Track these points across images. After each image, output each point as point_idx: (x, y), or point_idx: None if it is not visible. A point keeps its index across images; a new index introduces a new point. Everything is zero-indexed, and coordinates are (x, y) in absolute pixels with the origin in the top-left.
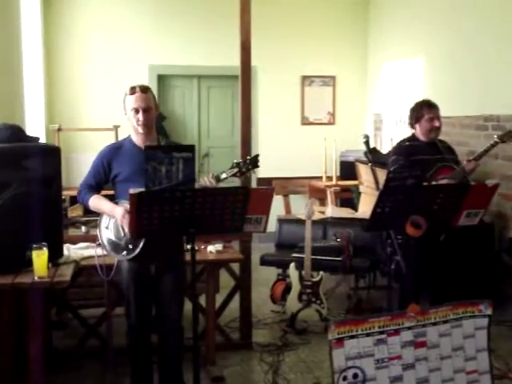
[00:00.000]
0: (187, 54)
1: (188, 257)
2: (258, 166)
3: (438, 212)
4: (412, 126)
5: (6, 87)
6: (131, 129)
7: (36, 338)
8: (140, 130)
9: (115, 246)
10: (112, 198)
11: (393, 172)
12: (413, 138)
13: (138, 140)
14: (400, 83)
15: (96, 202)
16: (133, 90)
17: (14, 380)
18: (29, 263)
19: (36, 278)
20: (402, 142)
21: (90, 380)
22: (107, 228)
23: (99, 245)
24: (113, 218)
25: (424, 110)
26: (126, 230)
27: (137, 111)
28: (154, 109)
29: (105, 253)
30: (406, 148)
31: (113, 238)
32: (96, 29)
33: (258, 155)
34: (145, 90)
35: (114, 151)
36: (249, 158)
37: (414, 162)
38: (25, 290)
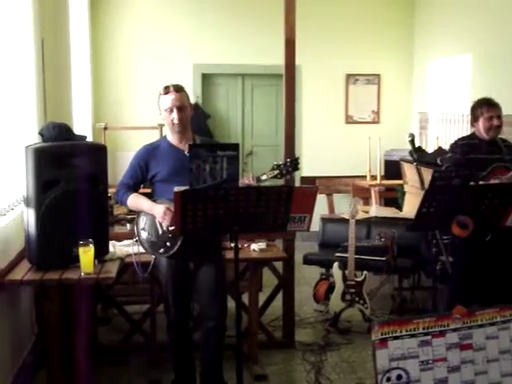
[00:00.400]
0: (231, 52)
1: (231, 255)
2: (298, 169)
3: (485, 212)
4: (472, 124)
5: (54, 87)
6: (167, 128)
7: (82, 333)
8: (175, 129)
9: (152, 245)
10: (149, 197)
11: (439, 171)
12: (472, 136)
13: (174, 139)
14: (446, 81)
15: (135, 200)
16: (166, 90)
17: (62, 373)
18: (75, 259)
19: (82, 274)
20: (459, 139)
21: (133, 375)
22: (144, 229)
23: (137, 241)
24: (150, 216)
25: (483, 109)
26: (165, 227)
27: (171, 110)
28: (188, 108)
29: (142, 250)
30: (463, 146)
31: (150, 238)
32: (141, 29)
33: (298, 158)
34: (178, 89)
35: (151, 151)
36: (289, 160)
37: (470, 161)
38: (72, 285)
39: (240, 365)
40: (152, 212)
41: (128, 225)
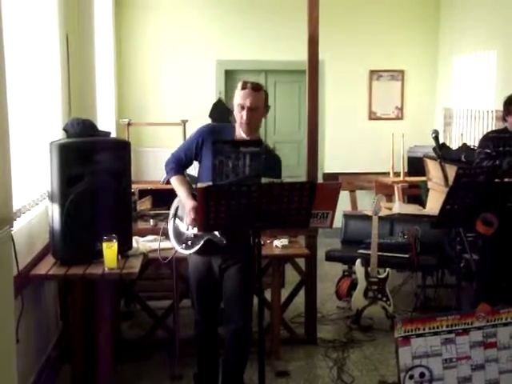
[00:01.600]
0: (254, 48)
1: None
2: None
3: (511, 209)
4: (504, 118)
5: (79, 83)
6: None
7: (104, 328)
8: (242, 127)
9: (178, 236)
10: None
11: (463, 168)
12: (504, 130)
13: (239, 134)
14: (471, 77)
15: (178, 183)
16: (244, 86)
17: (85, 368)
18: (99, 254)
19: (106, 269)
20: (490, 132)
21: (156, 370)
22: (177, 216)
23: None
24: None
25: None
26: (186, 225)
27: (242, 108)
28: (261, 109)
29: (168, 244)
30: (491, 139)
31: (178, 228)
32: (165, 26)
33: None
34: (257, 88)
35: (214, 133)
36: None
37: (500, 153)
38: (95, 280)
39: (262, 361)
40: (184, 204)
41: (151, 220)
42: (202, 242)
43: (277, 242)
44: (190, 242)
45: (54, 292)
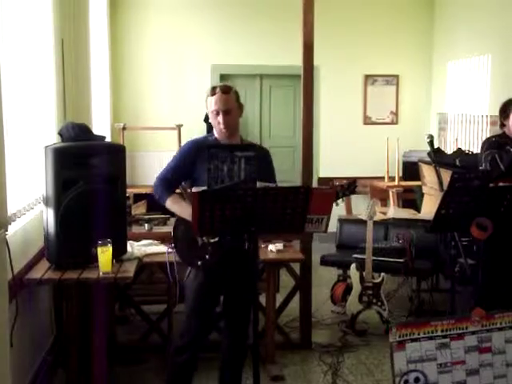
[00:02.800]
0: (249, 53)
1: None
2: (355, 192)
3: (505, 214)
4: (502, 123)
5: (74, 87)
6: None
7: (100, 332)
8: (222, 131)
9: (190, 255)
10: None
11: (458, 173)
12: (502, 135)
13: (221, 140)
14: (466, 82)
15: (176, 202)
16: (213, 91)
17: (80, 372)
18: (94, 259)
19: (101, 273)
20: (489, 138)
21: (151, 374)
22: (182, 238)
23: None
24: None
25: None
26: (206, 239)
27: (217, 113)
28: (236, 109)
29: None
30: (495, 143)
31: (188, 247)
32: (160, 30)
33: (355, 181)
34: (226, 90)
35: (198, 148)
36: (347, 183)
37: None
38: (90, 285)
39: (257, 366)
40: (189, 217)
41: (146, 225)
42: (221, 252)
43: (271, 247)
44: (207, 256)
45: (49, 296)
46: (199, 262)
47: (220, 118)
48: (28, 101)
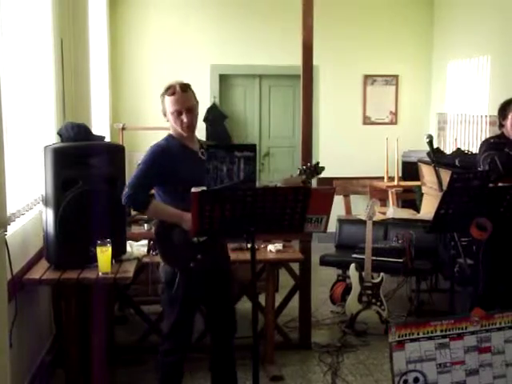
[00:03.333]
0: (249, 53)
1: (248, 256)
2: (320, 173)
3: (505, 214)
4: (500, 124)
5: (73, 87)
6: (171, 130)
7: (99, 332)
8: (185, 132)
9: (180, 257)
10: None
11: (457, 173)
12: (501, 136)
13: (184, 140)
14: (465, 82)
15: (160, 208)
16: (172, 90)
17: (79, 372)
18: (93, 259)
19: (100, 273)
20: (487, 139)
21: (150, 374)
22: (171, 242)
23: (157, 254)
24: (178, 227)
25: (510, 108)
26: (196, 239)
27: (180, 113)
28: (196, 107)
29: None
30: (493, 144)
31: (177, 250)
32: (159, 30)
33: (318, 162)
34: (185, 87)
35: (167, 152)
36: (310, 164)
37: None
38: (89, 285)
39: (256, 366)
40: (181, 221)
41: (145, 225)
42: (211, 251)
43: (271, 247)
44: (199, 256)
45: (48, 296)
46: (192, 264)
47: (184, 118)
48: (27, 101)
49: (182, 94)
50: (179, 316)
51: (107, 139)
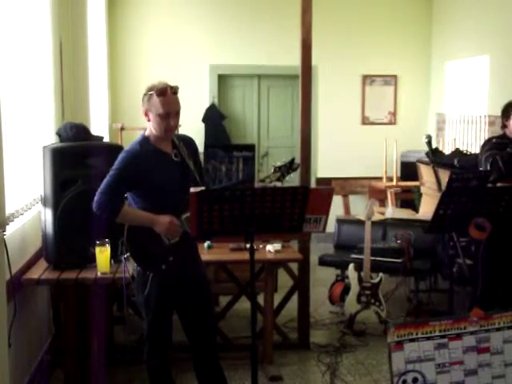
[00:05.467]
0: (247, 53)
1: (247, 256)
2: (295, 169)
3: (504, 214)
4: (503, 124)
5: (72, 88)
6: (148, 130)
7: (98, 332)
8: (167, 135)
9: (150, 260)
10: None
11: (456, 173)
12: (503, 136)
13: (158, 143)
14: (464, 82)
15: (130, 213)
16: (163, 91)
17: (78, 372)
18: (92, 259)
19: (99, 273)
20: (490, 139)
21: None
22: (139, 245)
23: (127, 259)
24: (146, 229)
25: None
26: (167, 241)
27: (167, 115)
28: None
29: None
30: (495, 144)
31: (147, 253)
32: (158, 30)
33: (294, 158)
34: (175, 90)
35: (140, 157)
36: (286, 161)
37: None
38: (88, 285)
39: (255, 366)
40: (154, 224)
41: None
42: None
43: (270, 247)
44: (171, 258)
45: (47, 296)
46: (163, 266)
47: (171, 121)
48: (26, 101)
49: (173, 96)
50: (154, 318)
51: (106, 139)
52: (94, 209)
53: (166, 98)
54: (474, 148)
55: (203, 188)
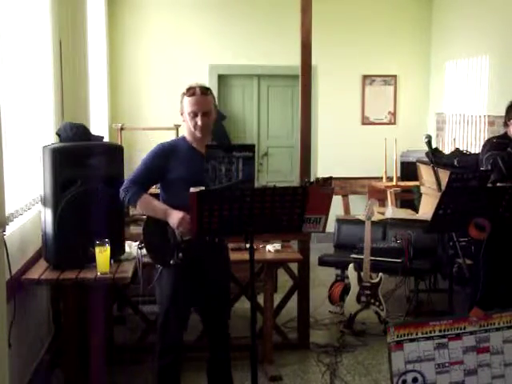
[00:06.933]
0: (247, 53)
1: (246, 256)
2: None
3: (504, 214)
4: (505, 123)
5: (72, 88)
6: (186, 130)
7: (98, 332)
8: (197, 134)
9: (161, 254)
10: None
11: (456, 173)
12: (504, 136)
13: (193, 142)
14: (464, 82)
15: (147, 202)
16: (192, 91)
17: (78, 372)
18: (92, 259)
19: (99, 273)
20: (490, 138)
21: (148, 375)
22: (153, 237)
23: (141, 249)
24: (162, 222)
25: None
26: (179, 237)
27: (195, 115)
28: (213, 112)
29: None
30: (496, 144)
31: (159, 246)
32: (158, 30)
33: (331, 177)
34: (205, 91)
35: (170, 151)
36: (321, 177)
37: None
38: (88, 285)
39: (255, 366)
40: (166, 218)
41: None
42: (192, 250)
43: (269, 247)
44: (180, 254)
45: (47, 296)
46: (171, 261)
47: (198, 120)
48: (26, 101)
49: (201, 96)
50: (167, 315)
51: (106, 139)
52: (119, 195)
53: (195, 97)
54: (474, 148)
55: (203, 188)
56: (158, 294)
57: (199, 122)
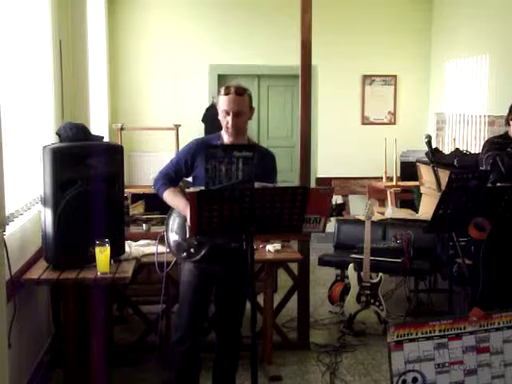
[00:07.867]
0: (247, 53)
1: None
2: (342, 215)
3: (503, 214)
4: (507, 122)
5: (72, 88)
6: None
7: (97, 332)
8: (228, 132)
9: (177, 246)
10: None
11: (456, 173)
12: (504, 136)
13: (227, 140)
14: (464, 82)
15: (172, 195)
16: (227, 91)
17: (78, 372)
18: (92, 259)
19: (99, 273)
20: (491, 138)
21: (148, 375)
22: (172, 230)
23: (162, 240)
24: (182, 216)
25: None
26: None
27: (227, 113)
28: (247, 113)
29: (167, 250)
30: (496, 144)
31: (177, 239)
32: (158, 30)
33: (344, 203)
34: (240, 91)
35: (200, 148)
36: (335, 204)
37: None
38: (88, 285)
39: (255, 366)
40: (184, 213)
41: (144, 225)
42: (206, 249)
43: (269, 247)
44: (192, 250)
45: (47, 296)
46: (184, 254)
47: (229, 119)
48: (26, 101)
49: (236, 96)
50: (184, 302)
51: (106, 139)
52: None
53: (229, 97)
54: (474, 148)
55: (203, 188)
56: (180, 283)
57: (230, 122)
